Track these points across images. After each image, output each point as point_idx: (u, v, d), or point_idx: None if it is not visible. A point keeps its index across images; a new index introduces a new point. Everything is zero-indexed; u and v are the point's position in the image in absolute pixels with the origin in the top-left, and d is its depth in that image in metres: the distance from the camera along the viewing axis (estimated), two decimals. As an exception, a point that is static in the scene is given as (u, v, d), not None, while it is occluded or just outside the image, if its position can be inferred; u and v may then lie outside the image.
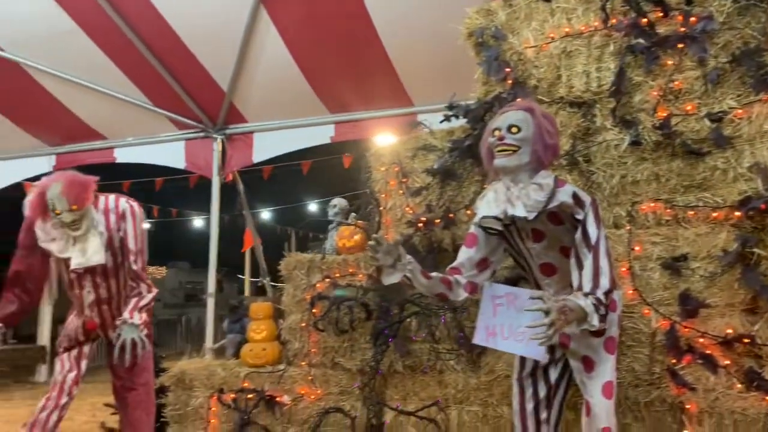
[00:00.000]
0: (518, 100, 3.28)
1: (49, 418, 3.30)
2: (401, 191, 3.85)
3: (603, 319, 2.28)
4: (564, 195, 2.45)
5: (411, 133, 3.98)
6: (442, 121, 3.69)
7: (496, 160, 2.54)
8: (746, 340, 2.69)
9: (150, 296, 3.42)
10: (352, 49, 5.20)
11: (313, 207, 12.77)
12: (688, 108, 2.98)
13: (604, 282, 2.33)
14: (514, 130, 2.50)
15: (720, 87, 2.94)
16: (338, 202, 4.56)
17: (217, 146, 6.16)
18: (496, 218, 2.55)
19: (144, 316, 3.33)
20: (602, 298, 2.30)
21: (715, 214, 2.84)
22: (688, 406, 2.75)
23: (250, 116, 6.10)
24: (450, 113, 3.64)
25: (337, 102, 5.72)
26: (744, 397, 2.67)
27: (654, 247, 2.96)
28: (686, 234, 2.91)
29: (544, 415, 2.66)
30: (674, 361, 2.81)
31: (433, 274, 2.60)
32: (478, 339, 2.61)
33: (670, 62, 3.05)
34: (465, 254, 2.65)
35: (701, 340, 2.77)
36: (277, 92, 5.72)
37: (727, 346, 2.74)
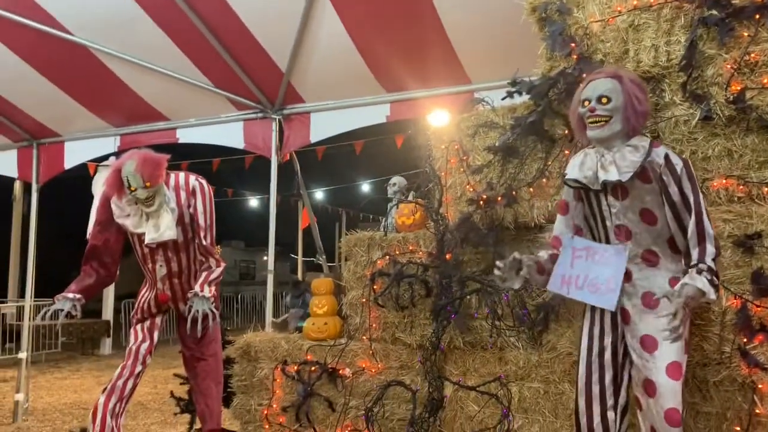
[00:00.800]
0: (598, 59, 3.29)
1: (126, 385, 3.47)
2: (462, 169, 3.86)
3: (717, 289, 2.39)
4: (656, 155, 2.53)
5: (471, 111, 3.96)
6: (504, 98, 3.66)
7: (589, 131, 2.64)
8: (823, 320, 2.62)
9: (219, 270, 3.54)
10: (409, 27, 5.16)
11: (365, 187, 12.89)
12: (765, 81, 2.88)
13: (710, 248, 2.44)
14: (604, 100, 2.58)
15: (799, 58, 2.84)
16: (397, 180, 4.60)
17: (275, 127, 6.26)
18: (580, 183, 2.66)
19: (213, 289, 3.46)
20: (712, 265, 2.40)
21: (791, 191, 2.76)
22: (760, 386, 2.70)
23: (307, 97, 6.15)
24: (513, 89, 3.60)
25: (394, 81, 5.71)
26: (819, 378, 2.61)
27: (726, 225, 2.89)
28: (760, 211, 2.83)
29: (611, 401, 2.65)
30: (745, 340, 2.76)
31: (544, 260, 2.78)
32: (552, 286, 2.77)
33: (745, 34, 2.95)
34: (561, 222, 2.86)
35: (774, 319, 2.71)
36: (334, 72, 5.74)
37: (801, 326, 2.67)
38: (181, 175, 3.55)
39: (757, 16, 2.91)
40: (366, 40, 5.42)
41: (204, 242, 3.49)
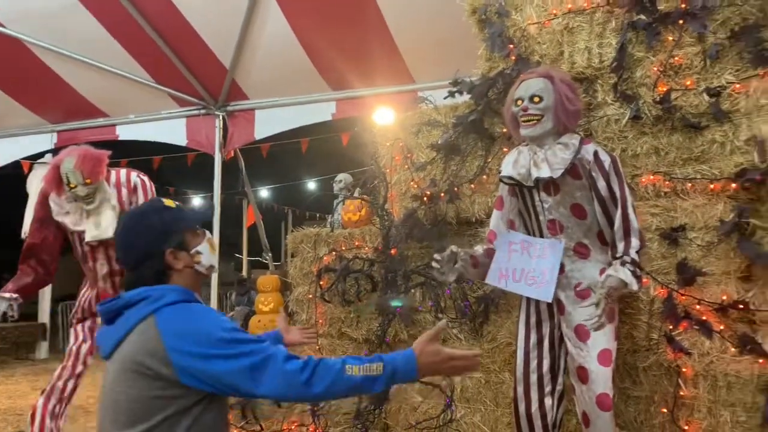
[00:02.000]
0: (535, 60, 3.42)
1: (66, 386, 3.40)
2: (406, 166, 3.93)
3: (640, 280, 2.51)
4: (586, 152, 2.64)
5: (415, 109, 4.05)
6: (446, 97, 3.76)
7: (522, 129, 2.74)
8: (741, 306, 2.80)
9: None
10: (355, 26, 5.24)
11: (312, 185, 12.88)
12: (688, 83, 3.06)
13: (635, 241, 2.55)
14: (536, 99, 2.69)
15: (719, 62, 3.01)
16: (343, 177, 4.66)
17: (219, 123, 6.23)
18: (514, 180, 2.74)
19: None
20: (635, 257, 2.51)
21: (712, 186, 2.93)
22: (684, 370, 2.87)
23: (251, 93, 6.15)
24: (454, 89, 3.70)
25: (339, 79, 5.78)
26: (737, 360, 2.79)
27: (653, 218, 3.05)
28: (684, 205, 3.00)
29: (548, 388, 2.77)
30: (671, 327, 2.92)
31: (479, 255, 2.83)
32: (490, 279, 2.85)
33: (670, 38, 3.12)
34: (497, 216, 2.95)
35: (697, 306, 2.88)
36: (279, 69, 5.77)
37: (722, 312, 2.85)
38: (122, 171, 3.50)
39: (681, 22, 3.09)
40: (311, 39, 5.45)
41: (147, 239, 3.45)
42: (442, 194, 3.70)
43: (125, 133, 6.63)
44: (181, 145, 6.52)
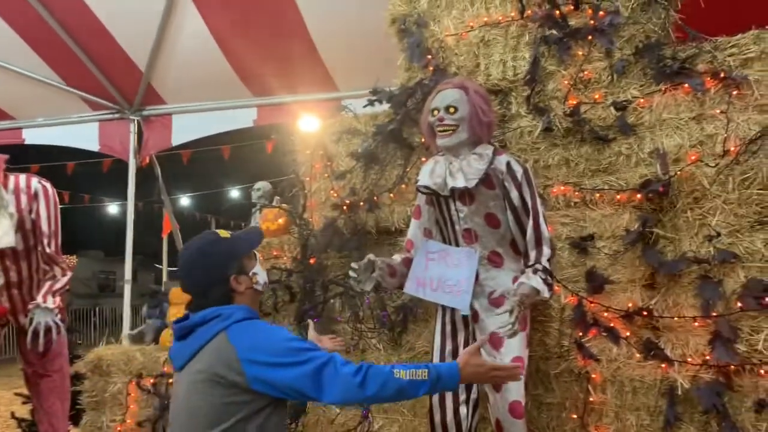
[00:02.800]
0: (452, 71, 3.45)
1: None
2: (326, 174, 3.89)
3: (551, 287, 2.56)
4: (499, 162, 2.67)
5: (335, 117, 4.01)
6: (365, 106, 3.75)
7: (438, 139, 2.75)
8: (645, 313, 2.90)
9: (65, 279, 3.31)
10: (277, 32, 5.17)
11: (234, 193, 12.64)
12: (596, 96, 3.16)
13: (546, 250, 2.60)
14: (451, 110, 2.70)
15: (624, 77, 3.14)
16: (262, 185, 4.55)
17: (134, 128, 6.00)
18: (430, 189, 2.74)
19: (58, 300, 3.22)
20: (547, 265, 2.56)
21: (618, 197, 3.02)
22: (593, 376, 2.93)
23: (168, 98, 5.96)
24: (374, 98, 3.69)
25: (261, 85, 5.67)
26: (642, 366, 2.87)
27: (564, 228, 3.13)
28: (593, 215, 3.08)
29: (463, 396, 2.77)
30: (581, 334, 2.98)
31: (396, 264, 2.83)
32: (408, 288, 2.84)
33: (580, 53, 3.22)
34: (414, 226, 2.96)
35: (605, 314, 2.96)
36: (198, 73, 5.61)
37: (628, 319, 2.94)
38: (22, 177, 3.27)
39: (590, 38, 3.20)
40: (231, 43, 5.33)
41: (48, 249, 3.25)
42: (362, 203, 3.67)
43: (33, 137, 6.29)
44: (94, 150, 6.22)
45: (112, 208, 13.99)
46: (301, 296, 3.79)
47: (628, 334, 2.92)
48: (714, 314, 2.70)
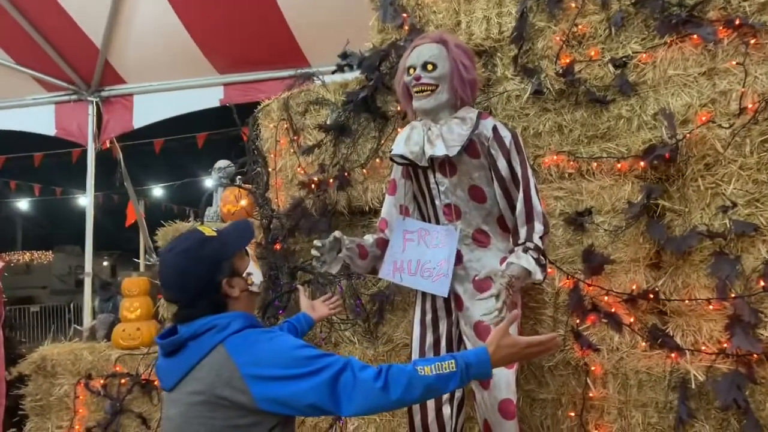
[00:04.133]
0: (431, 31, 3.06)
1: None
2: (292, 150, 3.51)
3: (544, 268, 2.24)
4: (484, 127, 2.35)
5: (301, 87, 3.62)
6: (334, 72, 3.41)
7: (415, 101, 2.42)
8: (651, 296, 2.56)
9: None
10: (242, 4, 4.77)
11: (210, 183, 12.09)
12: (592, 54, 2.81)
13: (538, 226, 2.29)
14: (429, 67, 2.37)
15: (624, 31, 2.77)
16: (223, 164, 4.16)
17: (92, 110, 5.58)
18: (406, 159, 2.41)
19: None
20: (539, 243, 2.25)
21: (619, 165, 2.69)
22: (592, 368, 2.61)
23: (129, 77, 5.54)
24: (343, 62, 3.34)
25: (227, 62, 5.27)
26: (648, 356, 2.56)
27: (557, 202, 2.79)
28: (590, 187, 2.75)
29: (446, 395, 2.44)
30: (578, 321, 2.66)
31: (368, 245, 2.50)
32: (384, 273, 2.52)
33: (573, 5, 2.86)
34: (389, 202, 2.63)
35: (605, 298, 2.64)
36: (160, 50, 5.20)
37: (631, 304, 2.62)
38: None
39: (584, -13, 2.83)
40: (194, 17, 4.93)
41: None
42: (331, 180, 3.30)
43: (-17, 120, 5.83)
44: (50, 135, 5.78)
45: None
46: (266, 285, 3.42)
47: (631, 320, 2.60)
48: (732, 296, 2.35)
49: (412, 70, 2.41)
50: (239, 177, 4.01)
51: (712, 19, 2.56)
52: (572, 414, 2.63)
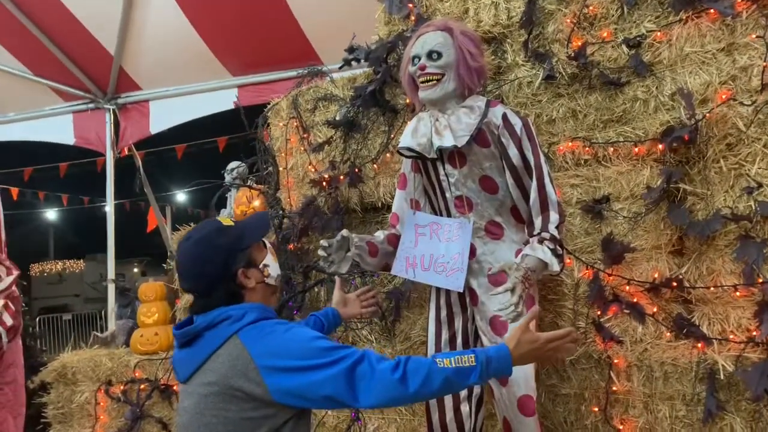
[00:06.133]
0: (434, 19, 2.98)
1: None
2: (303, 148, 3.46)
3: (561, 259, 2.16)
4: (493, 115, 2.26)
5: (310, 84, 3.57)
6: (341, 67, 3.33)
7: (421, 92, 2.34)
8: (674, 285, 2.45)
9: (9, 280, 2.93)
10: (253, 5, 4.74)
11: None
12: (605, 35, 2.70)
13: (554, 215, 2.20)
14: (434, 56, 2.29)
15: (637, 9, 2.66)
16: (235, 165, 4.13)
17: (110, 117, 5.61)
18: (415, 152, 2.34)
19: (1, 303, 2.84)
20: (555, 233, 2.17)
21: (636, 150, 2.58)
22: (615, 361, 2.50)
23: (143, 83, 5.56)
24: (350, 57, 3.27)
25: (240, 64, 5.25)
26: (674, 347, 2.44)
27: (573, 190, 2.68)
28: (607, 173, 2.64)
29: (464, 393, 2.37)
30: (599, 312, 2.55)
31: (379, 241, 2.43)
32: (397, 270, 2.45)
33: (583, -15, 2.76)
34: (400, 197, 2.57)
35: (627, 287, 2.53)
36: (172, 55, 5.20)
37: (654, 293, 2.51)
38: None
39: (594, -34, 2.73)
40: (204, 20, 4.92)
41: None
42: (342, 177, 3.24)
43: (4, 133, 5.91)
44: (70, 144, 5.83)
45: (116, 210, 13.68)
46: (281, 286, 3.38)
47: (655, 310, 2.48)
48: (760, 281, 2.23)
49: (416, 60, 2.33)
50: (251, 177, 3.97)
51: (730, -9, 2.44)
52: (596, 409, 2.53)
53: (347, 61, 3.27)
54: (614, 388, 2.49)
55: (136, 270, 19.65)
